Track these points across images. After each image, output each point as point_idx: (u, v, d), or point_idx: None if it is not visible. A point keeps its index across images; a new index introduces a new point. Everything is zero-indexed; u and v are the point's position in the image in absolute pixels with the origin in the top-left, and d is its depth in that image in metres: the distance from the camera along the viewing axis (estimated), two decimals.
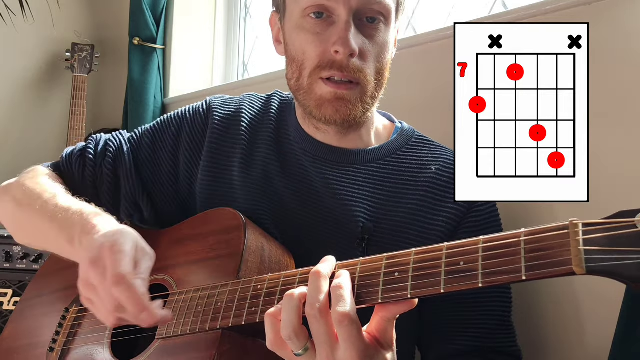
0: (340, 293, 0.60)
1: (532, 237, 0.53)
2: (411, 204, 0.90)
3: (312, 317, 0.60)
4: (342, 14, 0.83)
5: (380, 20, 0.86)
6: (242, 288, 0.74)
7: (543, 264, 0.51)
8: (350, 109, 0.86)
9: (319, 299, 0.60)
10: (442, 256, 0.58)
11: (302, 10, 0.86)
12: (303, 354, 0.61)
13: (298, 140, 0.96)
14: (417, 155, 0.95)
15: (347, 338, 0.58)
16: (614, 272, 0.47)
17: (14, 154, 2.61)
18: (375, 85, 0.88)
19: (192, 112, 1.03)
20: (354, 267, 0.65)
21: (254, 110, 1.01)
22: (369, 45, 0.86)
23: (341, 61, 0.83)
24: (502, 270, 0.53)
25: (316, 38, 0.85)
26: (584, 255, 0.48)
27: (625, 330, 0.76)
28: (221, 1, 2.51)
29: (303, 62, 0.87)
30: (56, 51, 2.70)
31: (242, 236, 0.80)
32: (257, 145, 0.97)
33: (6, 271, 2.05)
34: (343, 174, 0.92)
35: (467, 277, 0.55)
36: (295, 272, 0.70)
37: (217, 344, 0.73)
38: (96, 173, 1.02)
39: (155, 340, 0.80)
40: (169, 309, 0.80)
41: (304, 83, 0.88)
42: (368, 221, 0.88)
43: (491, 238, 0.56)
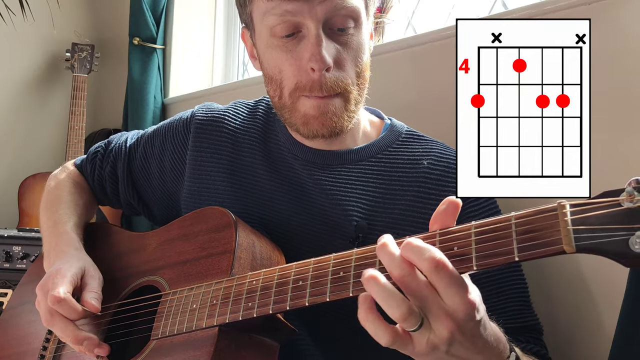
0: (414, 245, 0.56)
1: (523, 220, 0.54)
2: (405, 200, 0.90)
3: (407, 277, 0.56)
4: (311, 27, 0.81)
5: (350, 25, 0.84)
6: (236, 284, 0.74)
7: (534, 244, 0.53)
8: (335, 121, 0.86)
9: (402, 264, 0.56)
10: (435, 242, 0.58)
11: (270, 29, 0.84)
12: (419, 328, 0.56)
13: (287, 146, 0.96)
14: (409, 151, 0.94)
15: (449, 284, 0.55)
16: (603, 249, 0.49)
17: (14, 153, 2.61)
18: (357, 90, 0.87)
19: (177, 122, 1.05)
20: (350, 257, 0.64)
21: (240, 117, 1.01)
22: (344, 52, 0.84)
23: (319, 79, 0.82)
24: (495, 253, 0.55)
25: (290, 56, 0.84)
26: (573, 235, 0.50)
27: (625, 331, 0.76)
28: (221, 1, 2.51)
29: (281, 80, 0.86)
30: (56, 51, 2.70)
31: (234, 234, 0.80)
32: (242, 151, 0.97)
33: (6, 271, 2.05)
34: (335, 175, 0.92)
35: (462, 261, 0.56)
36: (290, 266, 0.70)
37: (215, 341, 0.73)
38: (101, 177, 1.11)
39: (151, 341, 0.80)
40: (162, 308, 0.81)
41: (286, 102, 0.87)
42: (362, 220, 0.88)
43: (483, 223, 0.57)
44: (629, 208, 0.48)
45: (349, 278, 0.63)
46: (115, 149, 1.10)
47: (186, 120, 1.03)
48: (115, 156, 1.10)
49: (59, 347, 0.91)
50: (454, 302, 0.55)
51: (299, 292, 0.67)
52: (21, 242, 2.05)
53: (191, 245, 0.85)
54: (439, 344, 0.56)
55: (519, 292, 0.90)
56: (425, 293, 0.55)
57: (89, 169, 1.13)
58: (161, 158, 1.04)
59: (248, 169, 0.96)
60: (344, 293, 0.63)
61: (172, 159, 1.02)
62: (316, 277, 0.66)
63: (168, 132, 1.05)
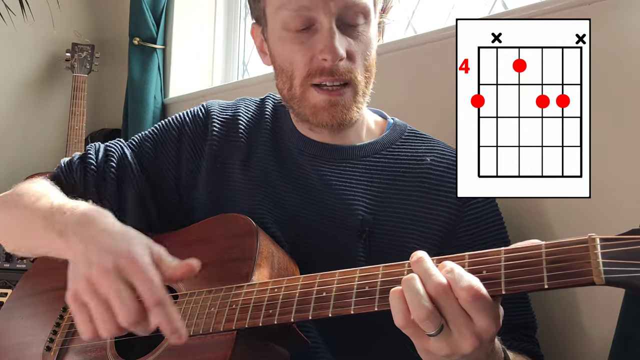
0: (455, 272, 0.58)
1: (553, 249, 0.57)
2: (409, 196, 0.91)
3: (442, 294, 0.57)
4: (324, 21, 0.85)
5: (361, 22, 0.88)
6: (258, 290, 0.74)
7: (564, 274, 0.55)
8: (345, 113, 0.88)
9: (438, 278, 0.58)
10: (465, 265, 0.60)
11: (283, 23, 0.87)
12: (437, 334, 0.58)
13: (293, 141, 0.97)
14: (412, 148, 0.96)
15: (482, 309, 0.57)
16: (630, 283, 0.51)
17: (14, 154, 2.61)
18: (365, 83, 0.90)
19: (192, 116, 1.03)
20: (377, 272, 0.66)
21: (250, 114, 1.03)
22: (354, 45, 0.87)
23: (330, 67, 0.85)
24: (525, 279, 0.57)
25: (302, 47, 0.87)
26: (603, 267, 0.53)
27: (625, 330, 0.76)
28: (221, 1, 2.51)
29: (292, 72, 0.89)
30: (56, 51, 2.70)
31: (255, 241, 0.81)
32: (255, 147, 0.99)
33: (6, 271, 2.05)
34: (340, 170, 0.93)
35: (491, 285, 0.58)
36: (314, 276, 0.71)
37: (233, 345, 0.73)
38: (99, 177, 0.98)
39: (165, 340, 0.80)
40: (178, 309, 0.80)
41: (296, 92, 0.90)
42: (367, 214, 0.89)
43: (512, 249, 0.59)
44: None
45: (374, 293, 0.64)
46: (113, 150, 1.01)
47: (202, 115, 1.03)
48: (119, 156, 1.00)
49: (66, 340, 0.91)
50: (483, 324, 0.57)
51: (322, 304, 0.68)
52: None
53: (211, 249, 0.86)
54: (454, 355, 0.58)
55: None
56: (456, 313, 0.57)
57: (79, 175, 0.98)
58: (178, 151, 1.01)
59: (259, 165, 0.97)
60: (369, 307, 0.64)
61: (190, 151, 1.00)
62: (341, 290, 0.67)
63: (184, 126, 1.02)
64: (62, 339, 0.92)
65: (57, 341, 0.92)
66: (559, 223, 1.05)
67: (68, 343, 0.91)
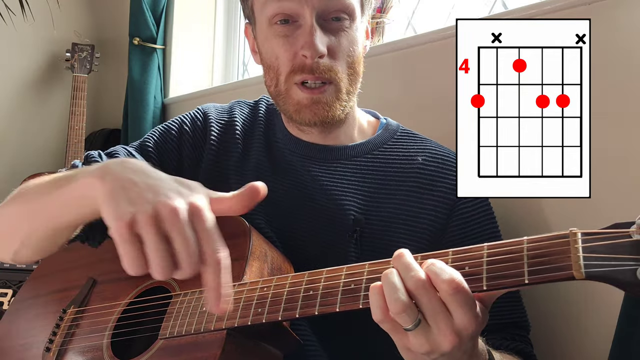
0: (437, 266, 0.58)
1: (534, 244, 0.56)
2: (400, 195, 0.92)
3: (421, 289, 0.57)
4: (306, 17, 0.86)
5: (344, 18, 0.89)
6: (248, 289, 0.75)
7: (544, 269, 0.54)
8: (327, 110, 0.89)
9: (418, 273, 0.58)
10: (448, 260, 0.60)
11: (268, 19, 0.90)
12: (414, 329, 0.58)
13: (285, 142, 0.99)
14: (404, 148, 0.97)
15: (463, 304, 0.56)
16: (611, 277, 0.51)
17: (14, 154, 2.61)
18: (348, 80, 0.91)
19: (190, 120, 1.04)
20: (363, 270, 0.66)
21: (244, 117, 1.04)
22: (336, 43, 0.89)
23: (311, 64, 0.87)
24: (505, 275, 0.56)
25: (285, 41, 0.89)
26: (583, 262, 0.52)
27: (625, 330, 0.76)
28: (221, 1, 2.51)
29: (278, 67, 0.90)
30: (56, 51, 2.70)
31: (248, 241, 0.82)
32: (250, 150, 1.00)
33: (6, 271, 2.05)
34: (331, 170, 0.94)
35: (472, 281, 0.58)
36: (302, 275, 0.71)
37: (222, 344, 0.73)
38: None
39: (158, 340, 0.80)
40: (172, 309, 0.81)
41: (281, 89, 0.91)
42: (359, 214, 0.90)
43: (495, 245, 0.59)
44: (638, 240, 0.50)
45: (359, 290, 0.64)
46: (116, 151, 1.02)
47: (201, 117, 1.04)
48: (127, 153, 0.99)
49: (65, 340, 0.92)
50: (463, 321, 0.56)
51: (309, 302, 0.68)
52: None
53: None
54: (434, 352, 0.58)
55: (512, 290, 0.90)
56: (436, 308, 0.57)
57: None
58: (179, 153, 1.02)
59: (253, 167, 0.98)
60: (354, 305, 0.64)
61: (190, 153, 1.01)
62: (327, 288, 0.67)
63: (183, 127, 1.03)
64: (61, 339, 0.92)
65: (56, 342, 0.92)
66: (559, 223, 1.05)
67: (67, 344, 0.92)
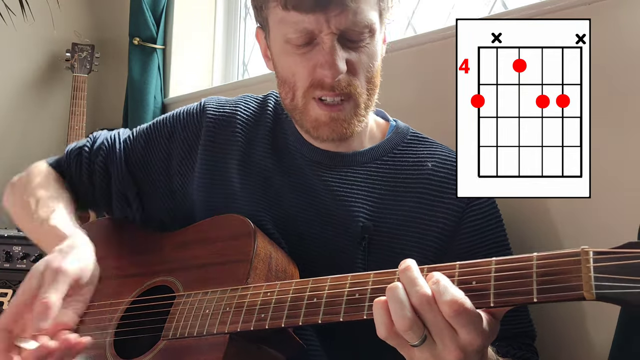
0: (440, 285, 0.57)
1: (544, 262, 0.55)
2: (410, 202, 0.91)
3: (425, 306, 0.57)
4: (325, 39, 0.84)
5: (365, 37, 0.86)
6: (251, 294, 0.74)
7: (554, 287, 0.53)
8: (345, 127, 0.88)
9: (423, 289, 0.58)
10: (455, 275, 0.59)
11: (285, 37, 0.86)
12: (420, 345, 0.57)
13: (296, 145, 0.96)
14: (413, 153, 0.95)
15: (466, 324, 0.56)
16: (622, 299, 0.49)
17: (14, 154, 2.61)
18: (367, 95, 0.89)
19: (186, 113, 1.03)
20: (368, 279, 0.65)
21: (250, 111, 1.02)
22: (356, 59, 0.86)
23: (331, 83, 0.84)
24: (514, 292, 0.55)
25: (304, 59, 0.86)
26: (594, 282, 0.51)
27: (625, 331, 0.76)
28: (221, 1, 2.51)
29: (295, 83, 0.88)
30: (56, 51, 2.70)
31: (252, 243, 0.81)
32: (254, 145, 0.98)
33: (6, 271, 2.05)
34: (341, 176, 0.93)
35: (479, 296, 0.57)
36: (306, 281, 0.71)
37: (225, 348, 0.73)
38: (90, 170, 1.04)
39: (161, 340, 0.80)
40: (175, 309, 0.81)
41: (298, 104, 0.89)
42: (368, 221, 0.89)
43: (504, 260, 0.58)
44: None
45: (364, 300, 0.64)
46: (106, 143, 1.05)
47: (197, 113, 1.02)
48: (108, 150, 1.04)
49: None
50: (468, 338, 0.56)
51: (313, 309, 0.67)
52: (21, 242, 2.04)
53: (208, 250, 0.86)
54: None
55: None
56: (440, 325, 0.57)
57: (74, 165, 1.05)
58: (169, 150, 1.01)
59: (259, 165, 0.96)
60: (358, 315, 0.63)
61: (181, 151, 1.00)
62: (331, 296, 0.67)
63: (176, 124, 1.02)
64: None
65: None
66: (559, 223, 1.05)
67: None
